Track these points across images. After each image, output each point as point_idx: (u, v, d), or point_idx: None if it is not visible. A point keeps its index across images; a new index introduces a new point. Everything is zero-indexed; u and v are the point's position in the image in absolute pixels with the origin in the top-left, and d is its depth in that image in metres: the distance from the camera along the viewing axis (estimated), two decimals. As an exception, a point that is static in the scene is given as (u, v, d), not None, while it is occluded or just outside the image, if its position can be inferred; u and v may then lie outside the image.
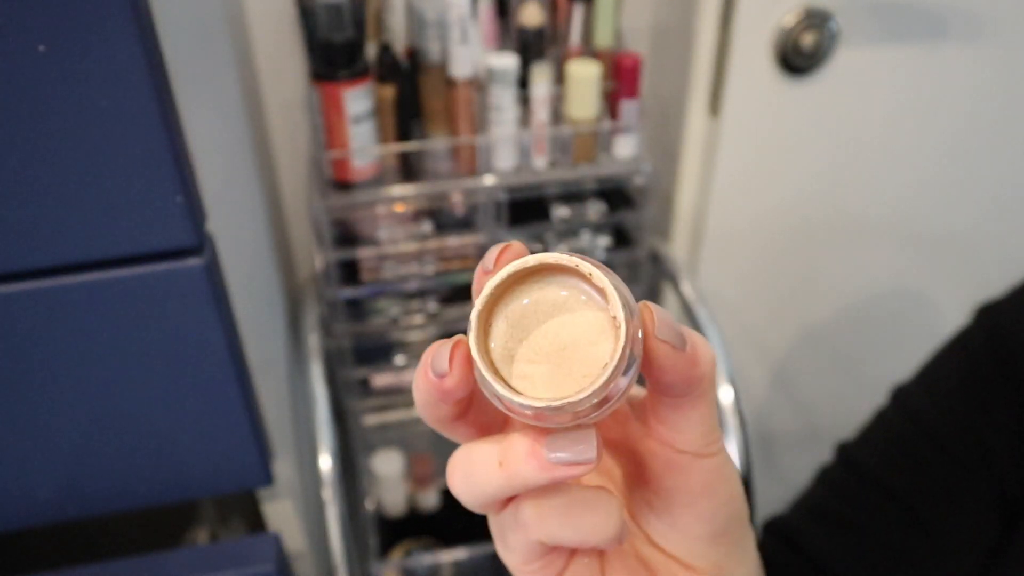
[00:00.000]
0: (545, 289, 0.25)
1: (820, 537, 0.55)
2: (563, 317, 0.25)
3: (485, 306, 0.25)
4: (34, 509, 0.54)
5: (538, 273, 0.25)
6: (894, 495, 0.53)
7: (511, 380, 0.25)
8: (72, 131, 0.41)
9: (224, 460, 0.55)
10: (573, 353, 0.24)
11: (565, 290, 0.25)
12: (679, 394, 0.27)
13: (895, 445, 0.54)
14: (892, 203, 0.94)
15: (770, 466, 1.14)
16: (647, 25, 0.92)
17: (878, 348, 1.07)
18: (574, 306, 0.25)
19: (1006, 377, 0.50)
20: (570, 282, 0.25)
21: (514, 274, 0.24)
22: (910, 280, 1.02)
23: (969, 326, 0.54)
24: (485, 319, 0.25)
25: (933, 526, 0.51)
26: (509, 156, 0.80)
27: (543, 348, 0.25)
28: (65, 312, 0.46)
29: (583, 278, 0.24)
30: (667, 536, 0.31)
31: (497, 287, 0.24)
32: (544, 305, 0.25)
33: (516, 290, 0.25)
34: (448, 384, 0.25)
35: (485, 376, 0.24)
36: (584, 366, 0.24)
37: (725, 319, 0.97)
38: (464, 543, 1.01)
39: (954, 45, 0.84)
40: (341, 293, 0.83)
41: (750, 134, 0.86)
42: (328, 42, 0.73)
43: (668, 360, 0.25)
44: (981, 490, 0.50)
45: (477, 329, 0.25)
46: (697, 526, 0.30)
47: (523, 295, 0.25)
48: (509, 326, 0.25)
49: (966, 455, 0.51)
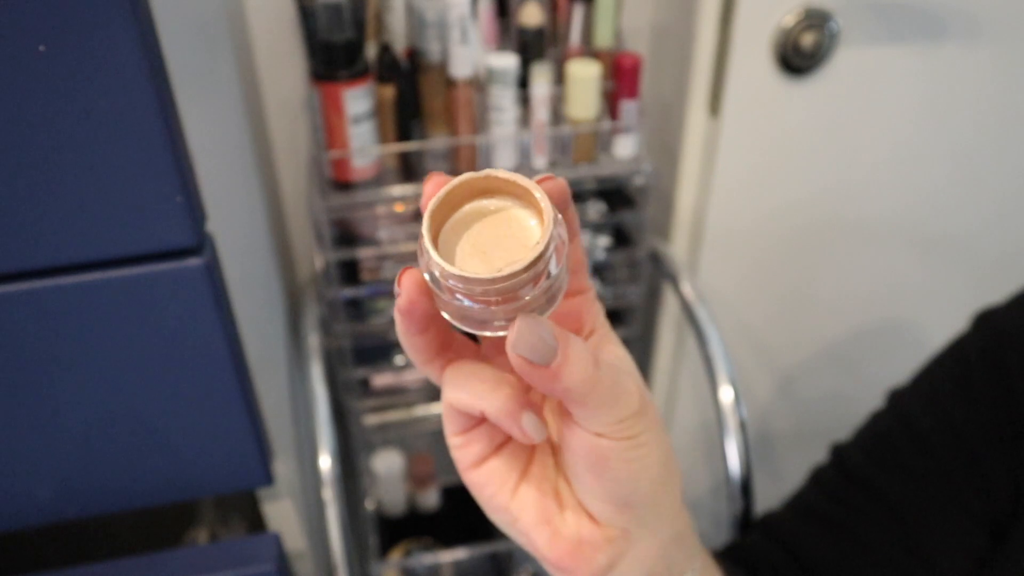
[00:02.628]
0: (487, 201, 0.29)
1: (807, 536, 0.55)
2: (499, 216, 0.29)
3: (438, 206, 0.28)
4: (34, 509, 0.54)
5: (483, 191, 0.29)
6: (883, 499, 0.53)
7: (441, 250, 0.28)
8: (72, 131, 0.41)
9: (224, 460, 0.55)
10: (506, 243, 0.28)
11: (505, 200, 0.29)
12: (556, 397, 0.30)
13: (887, 449, 0.54)
14: (892, 203, 0.95)
15: (770, 466, 1.14)
16: (647, 25, 0.92)
17: (878, 348, 1.07)
18: (509, 208, 0.29)
19: (1000, 387, 0.50)
20: (508, 199, 0.29)
21: (465, 183, 0.28)
22: (910, 280, 1.02)
23: (966, 333, 0.54)
24: (438, 220, 0.29)
25: (920, 532, 0.51)
26: (509, 156, 0.80)
27: (481, 242, 0.29)
28: (65, 312, 0.46)
29: (519, 194, 0.29)
30: (578, 488, 0.33)
31: (448, 193, 0.28)
32: (485, 209, 0.29)
33: (464, 204, 0.29)
34: (401, 303, 0.29)
35: (431, 254, 0.27)
36: (515, 253, 0.28)
37: (725, 319, 0.97)
38: (464, 543, 1.01)
39: (954, 45, 0.84)
40: (341, 293, 0.83)
41: (750, 134, 0.86)
42: (328, 42, 0.73)
43: (523, 371, 0.28)
44: (970, 499, 0.50)
45: (429, 224, 0.28)
46: (599, 491, 0.32)
47: (469, 204, 0.29)
48: (454, 225, 0.29)
49: (956, 463, 0.51)
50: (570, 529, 0.33)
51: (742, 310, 0.99)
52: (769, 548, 0.57)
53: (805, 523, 0.56)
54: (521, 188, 0.28)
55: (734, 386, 0.78)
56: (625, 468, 0.31)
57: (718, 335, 0.81)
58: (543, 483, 0.34)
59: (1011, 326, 0.50)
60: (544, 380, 0.28)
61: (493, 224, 0.29)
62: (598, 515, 0.33)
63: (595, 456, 0.31)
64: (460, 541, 1.02)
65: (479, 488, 0.34)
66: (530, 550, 0.34)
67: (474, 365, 0.32)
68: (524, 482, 0.34)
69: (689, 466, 1.14)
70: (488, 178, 0.28)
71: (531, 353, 0.27)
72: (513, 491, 0.34)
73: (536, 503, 0.34)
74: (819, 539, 0.55)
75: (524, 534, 0.34)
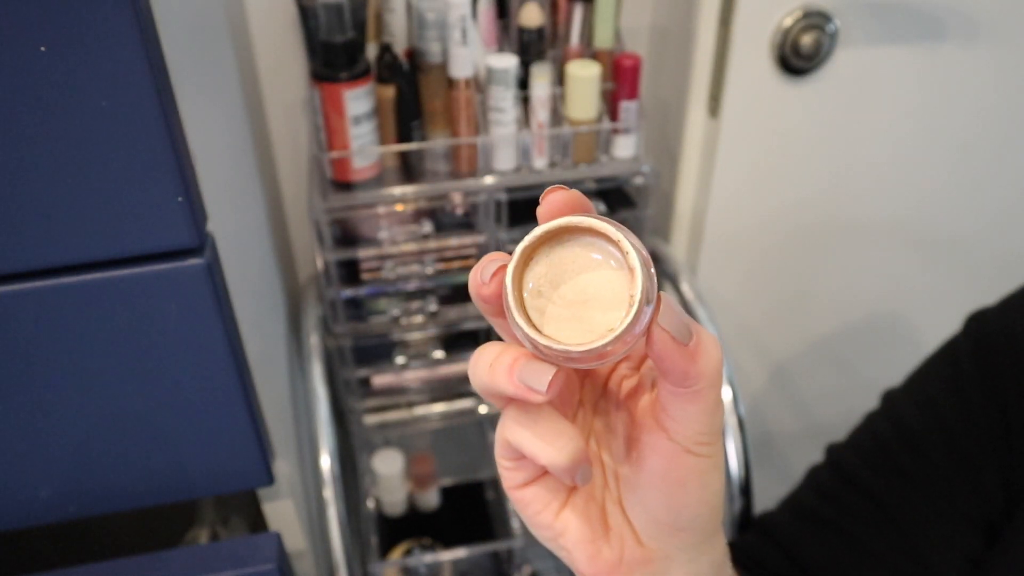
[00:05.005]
0: (584, 248, 0.29)
1: (803, 537, 0.56)
2: (593, 274, 0.28)
3: (531, 244, 0.28)
4: (34, 509, 0.54)
5: (579, 233, 0.29)
6: (877, 500, 0.53)
7: (531, 312, 0.28)
8: (73, 132, 0.41)
9: (225, 460, 0.55)
10: (591, 308, 0.28)
11: (600, 254, 0.28)
12: (676, 383, 0.29)
13: (880, 450, 0.54)
14: (891, 203, 0.95)
15: (769, 466, 1.14)
16: (647, 25, 0.93)
17: (877, 348, 1.07)
18: (604, 269, 0.28)
19: (990, 388, 0.50)
20: (607, 249, 0.28)
21: (563, 227, 0.28)
22: (909, 280, 1.02)
23: (958, 335, 0.54)
24: (527, 256, 0.29)
25: (913, 533, 0.51)
26: (509, 156, 0.80)
27: (567, 296, 0.28)
28: (65, 312, 0.46)
29: (619, 250, 0.28)
30: (633, 508, 0.34)
31: (547, 233, 0.28)
32: (581, 260, 0.29)
33: (559, 241, 0.29)
34: (484, 292, 0.29)
35: (511, 306, 0.28)
36: (594, 323, 0.28)
37: (724, 319, 0.97)
38: (464, 543, 1.01)
39: (954, 45, 0.84)
40: (341, 293, 0.83)
41: (749, 134, 0.86)
42: (329, 43, 0.73)
43: (665, 348, 0.28)
44: (963, 500, 0.50)
45: (518, 262, 0.28)
46: (662, 512, 0.32)
47: (564, 246, 0.29)
48: (547, 268, 0.29)
49: (949, 464, 0.51)
50: (613, 550, 0.34)
51: (741, 310, 1.00)
52: (765, 549, 0.57)
53: (801, 524, 0.56)
54: (596, 231, 0.28)
55: (733, 386, 0.78)
56: (698, 492, 0.31)
57: (717, 335, 0.81)
58: (589, 502, 0.34)
59: (1001, 328, 0.51)
60: (682, 359, 0.28)
61: (575, 274, 0.29)
62: (648, 536, 0.33)
63: (676, 474, 0.31)
64: (460, 541, 1.02)
65: (524, 505, 0.34)
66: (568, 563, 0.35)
67: (539, 410, 0.31)
68: (571, 502, 0.34)
69: (689, 466, 1.14)
70: (563, 228, 0.28)
71: (675, 330, 0.28)
72: (559, 510, 0.34)
73: (581, 521, 0.34)
74: (814, 540, 0.55)
75: (565, 550, 0.34)
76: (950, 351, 0.54)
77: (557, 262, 0.29)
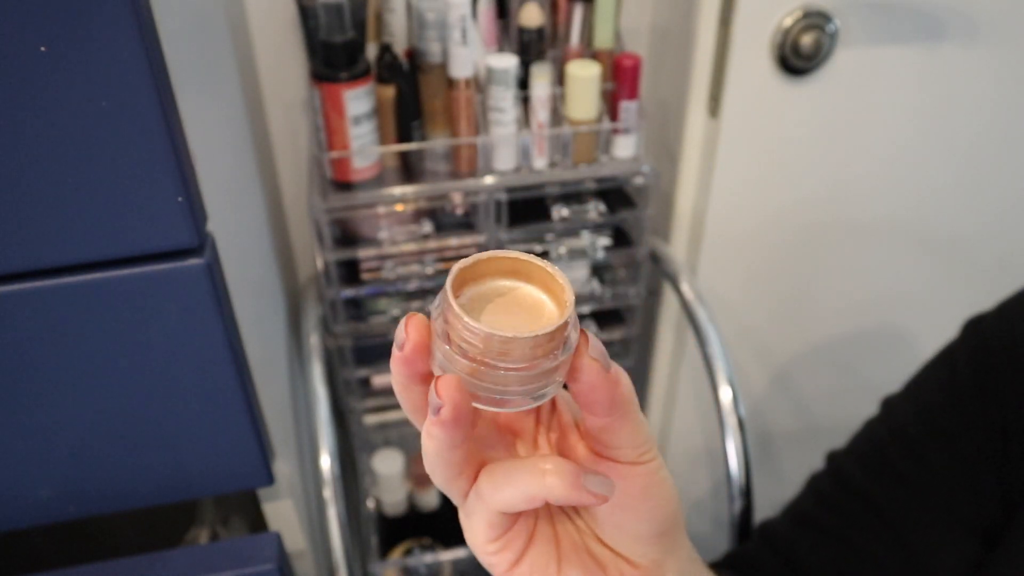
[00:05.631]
0: (506, 281, 0.31)
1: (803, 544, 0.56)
2: (517, 294, 0.30)
3: (456, 278, 0.29)
4: (34, 509, 0.54)
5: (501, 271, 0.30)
6: (876, 507, 0.53)
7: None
8: (73, 132, 0.41)
9: (225, 460, 0.55)
10: (523, 317, 0.30)
11: (522, 282, 0.31)
12: (605, 413, 0.31)
13: (879, 457, 0.54)
14: (890, 204, 0.95)
15: (769, 466, 1.14)
16: (647, 25, 0.93)
17: (877, 348, 1.07)
18: (531, 293, 0.30)
19: (987, 394, 0.50)
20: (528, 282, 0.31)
21: (482, 261, 0.30)
22: (909, 280, 1.02)
23: (955, 340, 0.54)
24: (456, 291, 0.29)
25: (913, 540, 0.51)
26: (509, 156, 0.80)
27: (497, 320, 0.29)
28: (65, 312, 0.46)
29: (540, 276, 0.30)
30: (614, 536, 0.35)
31: (466, 268, 0.29)
32: (503, 288, 0.30)
33: (480, 281, 0.30)
34: (407, 351, 0.29)
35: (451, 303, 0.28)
36: (531, 324, 0.29)
37: (724, 319, 0.97)
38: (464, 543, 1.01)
39: (954, 45, 0.84)
40: (341, 293, 0.83)
41: (749, 135, 0.86)
42: (329, 43, 0.73)
43: (596, 377, 0.29)
44: (962, 506, 0.50)
45: (452, 290, 0.28)
46: (639, 526, 0.34)
47: (487, 283, 0.30)
48: (472, 298, 0.30)
49: (947, 471, 0.51)
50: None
51: (742, 310, 1.00)
52: (766, 556, 0.57)
53: (801, 531, 0.56)
54: (538, 270, 0.30)
55: (733, 386, 0.78)
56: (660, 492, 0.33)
57: (717, 335, 0.81)
58: (580, 553, 0.35)
59: (998, 333, 0.50)
60: (607, 386, 0.30)
61: (509, 302, 0.30)
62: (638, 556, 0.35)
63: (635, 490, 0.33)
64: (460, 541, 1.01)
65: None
66: None
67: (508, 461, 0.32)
68: (564, 560, 0.35)
69: (689, 466, 1.14)
70: (486, 261, 0.30)
71: (603, 359, 0.29)
72: (558, 572, 0.34)
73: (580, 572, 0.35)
74: (815, 547, 0.55)
75: None
76: (947, 357, 0.54)
77: (481, 292, 0.30)
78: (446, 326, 0.28)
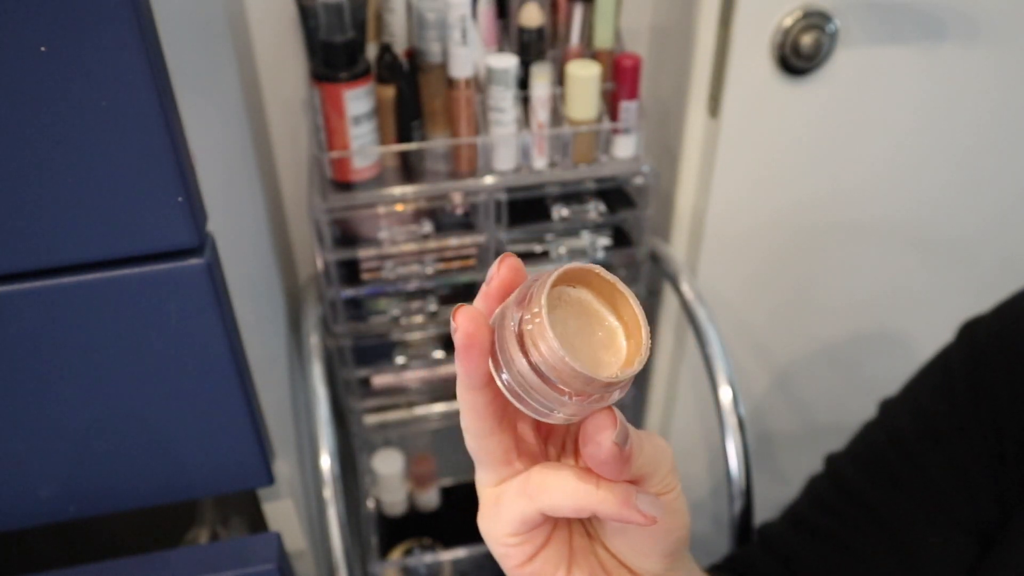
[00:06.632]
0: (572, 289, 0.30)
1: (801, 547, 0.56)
2: (582, 308, 0.30)
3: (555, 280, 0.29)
4: (34, 509, 0.54)
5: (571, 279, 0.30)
6: (873, 510, 0.53)
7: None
8: (73, 131, 0.41)
9: (225, 460, 0.55)
10: (591, 340, 0.30)
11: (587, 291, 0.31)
12: (615, 478, 0.31)
13: (875, 460, 0.54)
14: (890, 204, 0.95)
15: (769, 466, 1.14)
16: (647, 25, 0.93)
17: (877, 348, 1.07)
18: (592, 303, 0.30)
19: (983, 397, 0.50)
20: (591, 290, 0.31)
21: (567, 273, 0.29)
22: (909, 280, 1.02)
23: (951, 343, 0.54)
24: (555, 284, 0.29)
25: (908, 543, 0.51)
26: (509, 156, 0.80)
27: (568, 333, 0.29)
28: (65, 312, 0.46)
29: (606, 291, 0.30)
30: (621, 550, 0.35)
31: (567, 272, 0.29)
32: (568, 297, 0.30)
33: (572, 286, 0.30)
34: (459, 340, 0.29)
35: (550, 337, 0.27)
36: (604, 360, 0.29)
37: (724, 319, 0.97)
38: (464, 543, 1.01)
39: (954, 45, 0.84)
40: (341, 293, 0.83)
41: (749, 135, 0.86)
42: (329, 43, 0.73)
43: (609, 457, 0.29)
44: (958, 509, 0.50)
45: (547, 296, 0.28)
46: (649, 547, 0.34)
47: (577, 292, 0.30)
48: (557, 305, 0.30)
49: (943, 474, 0.51)
50: None
51: (742, 310, 1.00)
52: (765, 559, 0.58)
53: (799, 534, 0.57)
54: (612, 289, 0.30)
55: (733, 386, 0.78)
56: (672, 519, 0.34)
57: (717, 335, 0.81)
58: (589, 557, 0.36)
59: (993, 336, 0.51)
60: (621, 463, 0.30)
61: (577, 316, 0.30)
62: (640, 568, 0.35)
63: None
64: (460, 541, 1.02)
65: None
66: None
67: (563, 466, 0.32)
68: (574, 563, 0.35)
69: (689, 466, 1.14)
70: (588, 271, 0.30)
71: (624, 441, 0.29)
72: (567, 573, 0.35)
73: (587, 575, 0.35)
74: (813, 551, 0.55)
75: None
76: (943, 360, 0.54)
77: (559, 301, 0.30)
78: (522, 326, 0.28)
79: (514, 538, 0.33)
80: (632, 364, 0.29)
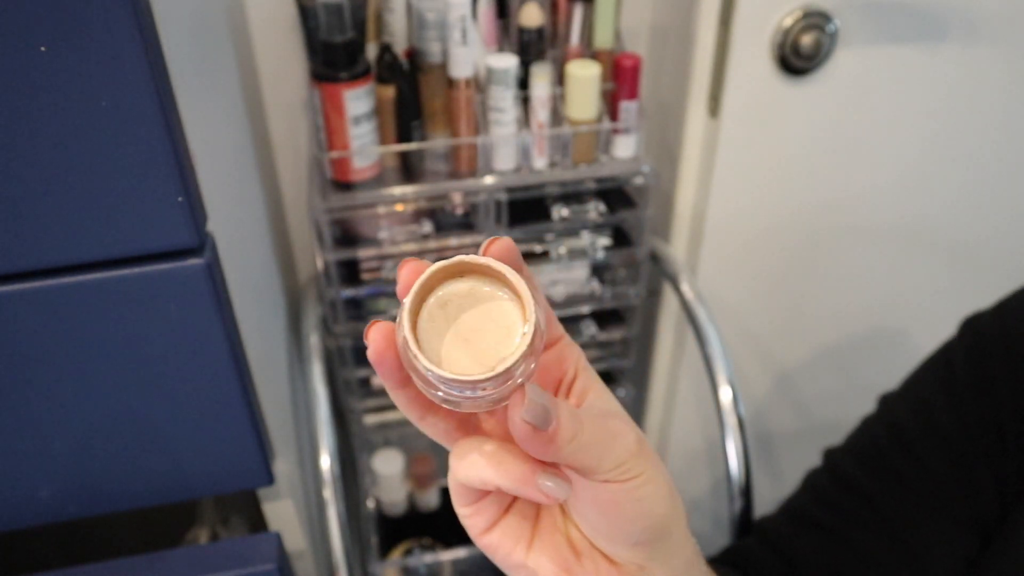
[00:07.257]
0: (460, 283, 0.30)
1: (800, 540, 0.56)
2: (474, 298, 0.30)
3: (415, 297, 0.29)
4: (34, 509, 0.54)
5: (467, 273, 0.30)
6: (873, 504, 0.53)
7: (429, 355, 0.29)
8: (73, 131, 0.41)
9: (225, 460, 0.55)
10: (488, 328, 0.29)
11: (477, 280, 0.30)
12: (544, 458, 0.30)
13: (876, 454, 0.54)
14: (891, 204, 0.95)
15: (769, 466, 1.14)
16: (647, 25, 0.93)
17: (877, 348, 1.07)
18: (482, 288, 0.30)
19: (984, 391, 0.50)
20: (480, 278, 0.30)
21: (440, 270, 0.29)
22: (909, 280, 1.02)
23: (953, 338, 0.54)
24: (417, 304, 0.29)
25: (909, 536, 0.51)
26: (509, 156, 0.80)
27: (462, 330, 0.29)
28: (65, 312, 0.46)
29: (491, 274, 0.29)
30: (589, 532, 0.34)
31: (429, 278, 0.29)
32: (458, 292, 0.30)
33: (447, 283, 0.30)
34: (370, 355, 0.30)
35: (419, 359, 0.28)
36: (489, 354, 0.29)
37: (724, 319, 0.97)
38: (464, 543, 1.01)
39: (953, 45, 0.84)
40: (341, 293, 0.83)
41: (749, 135, 0.86)
42: (329, 43, 0.73)
43: (527, 436, 0.29)
44: (958, 502, 0.50)
45: (410, 308, 0.29)
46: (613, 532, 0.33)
47: (452, 286, 0.30)
48: (430, 311, 0.30)
49: (944, 468, 0.51)
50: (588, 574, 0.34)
51: (741, 309, 1.00)
52: (763, 552, 0.57)
53: (798, 528, 0.56)
54: (495, 271, 0.29)
55: (733, 386, 0.78)
56: (635, 508, 0.32)
57: (717, 335, 0.81)
58: (555, 534, 0.35)
59: (994, 331, 0.51)
60: (541, 444, 0.29)
61: (470, 308, 0.30)
62: (614, 556, 0.34)
63: (605, 502, 0.32)
64: (460, 541, 1.02)
65: (494, 550, 0.35)
66: None
67: (477, 440, 0.32)
68: (537, 537, 0.35)
69: (689, 466, 1.14)
70: (461, 263, 0.29)
71: (538, 419, 0.28)
72: (528, 547, 0.35)
73: (553, 555, 0.34)
74: (811, 544, 0.55)
75: None
76: (945, 354, 0.54)
77: (449, 298, 0.30)
78: (400, 344, 0.29)
79: (464, 508, 0.34)
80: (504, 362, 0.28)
